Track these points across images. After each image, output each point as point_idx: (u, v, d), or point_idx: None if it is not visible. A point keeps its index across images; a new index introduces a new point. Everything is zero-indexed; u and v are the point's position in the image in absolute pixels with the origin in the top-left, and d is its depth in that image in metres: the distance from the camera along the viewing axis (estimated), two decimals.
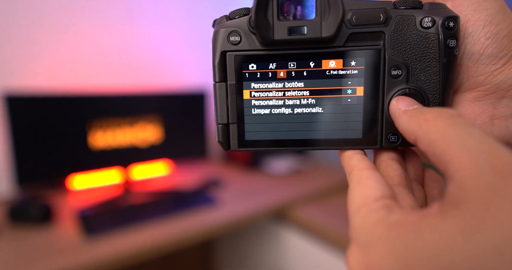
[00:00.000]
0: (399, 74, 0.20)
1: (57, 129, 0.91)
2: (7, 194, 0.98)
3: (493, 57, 0.19)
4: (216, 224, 0.84)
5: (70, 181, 0.97)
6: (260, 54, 0.21)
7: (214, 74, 0.22)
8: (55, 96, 0.90)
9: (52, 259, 0.68)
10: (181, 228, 0.81)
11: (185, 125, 1.13)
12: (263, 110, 0.22)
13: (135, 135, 1.03)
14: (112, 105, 0.99)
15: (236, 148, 0.23)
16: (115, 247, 0.72)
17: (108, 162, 1.00)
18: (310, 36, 0.20)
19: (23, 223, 0.81)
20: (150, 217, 0.85)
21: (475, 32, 0.19)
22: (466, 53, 0.20)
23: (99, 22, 1.11)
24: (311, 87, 0.21)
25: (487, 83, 0.20)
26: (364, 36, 0.20)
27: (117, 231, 0.78)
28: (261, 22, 0.20)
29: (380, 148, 0.21)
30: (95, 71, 1.12)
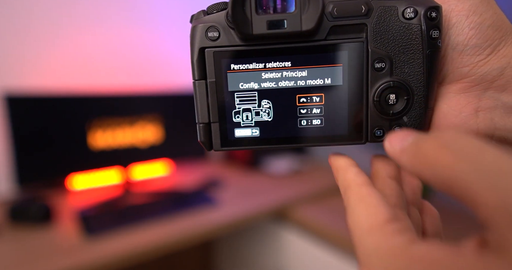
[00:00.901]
0: (383, 67, 0.20)
1: (57, 129, 0.91)
2: (7, 194, 0.98)
3: (478, 47, 0.19)
4: (216, 224, 0.84)
5: (70, 181, 0.97)
6: (240, 50, 0.20)
7: (193, 72, 0.21)
8: (55, 96, 0.90)
9: (52, 259, 0.68)
10: (181, 228, 0.81)
11: (185, 125, 1.13)
12: (245, 107, 0.21)
13: (135, 135, 1.03)
14: (112, 105, 0.99)
15: (219, 148, 0.22)
16: (115, 247, 0.72)
17: (108, 162, 1.00)
18: (290, 30, 0.19)
19: (23, 223, 0.81)
20: (150, 217, 0.85)
21: (459, 23, 0.19)
22: (450, 44, 0.19)
23: (99, 21, 1.11)
24: (294, 83, 0.21)
25: (472, 74, 0.19)
26: (346, 29, 0.20)
27: (117, 231, 0.78)
28: (238, 16, 0.19)
29: (365, 143, 0.21)
30: (96, 71, 1.12)
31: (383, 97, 0.20)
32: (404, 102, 0.20)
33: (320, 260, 0.88)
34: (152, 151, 1.07)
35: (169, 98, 1.09)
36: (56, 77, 1.05)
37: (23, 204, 0.84)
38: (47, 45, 1.03)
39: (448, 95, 0.20)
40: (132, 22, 1.17)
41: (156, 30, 1.23)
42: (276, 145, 0.22)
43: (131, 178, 1.05)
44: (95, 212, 0.87)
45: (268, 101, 0.21)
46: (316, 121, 0.21)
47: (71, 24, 1.06)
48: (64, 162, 0.94)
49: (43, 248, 0.72)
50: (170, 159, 1.11)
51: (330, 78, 0.20)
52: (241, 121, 0.22)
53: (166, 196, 0.98)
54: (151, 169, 1.12)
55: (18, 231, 0.79)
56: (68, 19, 1.05)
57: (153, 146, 1.06)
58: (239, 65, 0.21)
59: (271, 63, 0.21)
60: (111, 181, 1.06)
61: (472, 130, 0.19)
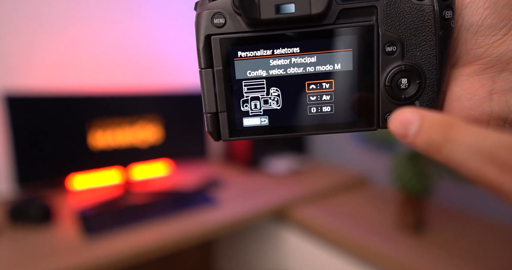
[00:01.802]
0: (394, 50, 0.19)
1: (57, 129, 0.91)
2: (7, 194, 0.98)
3: (493, 27, 0.18)
4: (216, 224, 0.84)
5: (70, 181, 0.97)
6: (247, 36, 0.20)
7: (199, 60, 0.20)
8: (55, 96, 0.90)
9: (52, 259, 0.68)
10: (181, 228, 0.81)
11: (185, 125, 1.13)
12: (253, 95, 0.21)
13: (135, 135, 1.03)
14: (112, 105, 0.99)
15: (227, 138, 0.21)
16: (115, 247, 0.72)
17: (108, 162, 1.00)
18: (299, 14, 0.18)
19: (23, 223, 0.81)
20: (150, 217, 0.85)
21: (473, 3, 0.18)
22: (464, 25, 0.19)
23: (99, 21, 1.11)
24: (303, 69, 0.20)
25: (486, 56, 0.19)
26: (355, 12, 0.19)
27: (117, 231, 0.78)
28: (246, 1, 0.18)
29: (376, 129, 0.21)
30: (96, 70, 1.12)
31: (394, 81, 0.20)
32: (416, 86, 0.19)
33: (320, 260, 0.88)
34: (152, 151, 1.07)
35: (169, 98, 1.09)
36: (56, 76, 1.05)
37: (23, 204, 0.84)
38: (46, 44, 1.03)
39: (461, 77, 0.20)
40: (132, 22, 1.17)
41: (157, 30, 1.23)
42: (285, 134, 0.21)
43: (131, 178, 1.05)
44: (95, 212, 0.87)
45: (277, 88, 0.21)
46: (326, 108, 0.21)
47: (70, 23, 1.06)
48: (64, 162, 0.94)
49: (43, 248, 0.72)
50: (170, 159, 1.11)
51: (340, 63, 0.20)
52: (250, 109, 0.21)
53: (166, 196, 0.98)
54: (151, 169, 1.12)
55: (18, 231, 0.79)
56: (67, 18, 1.05)
57: (153, 146, 1.06)
58: (246, 52, 0.20)
59: (279, 50, 0.20)
60: (111, 181, 1.06)
61: (485, 113, 0.19)
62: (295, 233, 0.96)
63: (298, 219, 0.94)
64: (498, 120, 0.19)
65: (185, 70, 1.30)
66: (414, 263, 0.68)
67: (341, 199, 1.04)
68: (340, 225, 0.86)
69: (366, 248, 0.76)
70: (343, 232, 0.83)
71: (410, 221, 0.82)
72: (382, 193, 1.08)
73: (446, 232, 0.81)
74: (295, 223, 0.95)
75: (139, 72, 1.20)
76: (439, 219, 0.88)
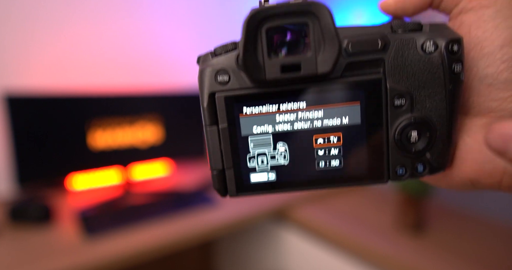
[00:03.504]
0: (403, 103, 0.19)
1: (57, 129, 0.91)
2: (7, 194, 0.98)
3: (509, 82, 0.17)
4: (216, 224, 0.84)
5: (70, 181, 0.97)
6: (252, 93, 0.19)
7: (204, 117, 0.20)
8: (55, 97, 0.90)
9: (52, 259, 0.68)
10: (181, 228, 0.81)
11: (185, 125, 1.13)
12: (259, 151, 0.20)
13: (135, 135, 1.03)
14: (112, 105, 0.99)
15: (234, 194, 0.21)
16: (115, 247, 0.72)
17: (108, 162, 1.00)
18: (305, 73, 0.18)
19: (23, 223, 0.81)
20: (150, 217, 0.85)
21: (490, 54, 0.17)
22: (479, 75, 0.18)
23: (99, 21, 1.11)
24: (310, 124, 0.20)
25: (499, 110, 0.18)
26: (362, 65, 0.19)
27: (117, 231, 0.78)
28: (250, 62, 0.18)
29: (387, 182, 0.20)
30: (96, 70, 1.12)
31: (404, 134, 0.19)
32: (427, 139, 0.19)
33: (320, 260, 0.88)
34: (152, 151, 1.07)
35: (169, 98, 1.09)
36: (56, 76, 1.05)
37: (23, 204, 0.84)
38: (46, 44, 1.03)
39: (474, 128, 0.19)
40: (133, 22, 1.17)
41: (157, 29, 1.23)
42: (294, 189, 0.21)
43: (131, 178, 1.05)
44: (95, 212, 0.87)
45: (284, 144, 0.20)
46: (334, 162, 0.20)
47: (70, 24, 1.06)
48: (64, 162, 0.94)
49: (43, 248, 0.72)
50: (170, 159, 1.11)
51: (347, 117, 0.19)
52: (256, 165, 0.21)
53: (166, 196, 0.98)
54: (151, 169, 1.12)
55: (18, 231, 0.79)
56: (68, 19, 1.05)
57: (153, 146, 1.06)
58: (252, 109, 0.20)
59: (285, 105, 0.20)
60: (111, 181, 1.06)
61: (499, 169, 0.18)
62: (295, 233, 0.96)
63: (298, 219, 0.94)
64: None
65: (185, 70, 1.30)
66: (414, 263, 0.68)
67: (341, 199, 1.03)
68: (340, 225, 0.86)
69: (366, 248, 0.76)
70: (343, 232, 0.83)
71: (410, 221, 0.82)
72: (382, 193, 1.08)
73: (446, 232, 0.81)
74: (295, 223, 0.95)
75: (139, 72, 1.20)
76: (439, 219, 0.88)
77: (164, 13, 1.23)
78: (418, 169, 0.20)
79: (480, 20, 0.18)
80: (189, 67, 1.30)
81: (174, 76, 1.27)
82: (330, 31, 0.17)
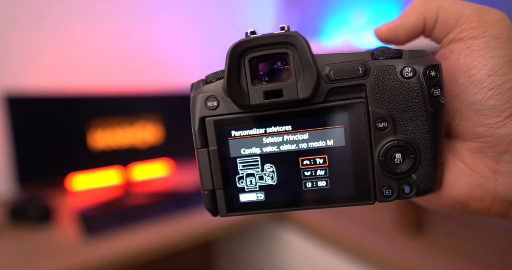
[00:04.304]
0: (385, 126, 0.19)
1: (57, 129, 0.91)
2: (8, 194, 0.98)
3: (495, 109, 0.18)
4: (216, 225, 0.84)
5: (70, 181, 0.97)
6: (239, 117, 0.20)
7: (195, 141, 0.21)
8: (55, 97, 0.90)
9: (52, 259, 0.68)
10: (181, 228, 0.81)
11: (185, 125, 1.13)
12: (248, 172, 0.21)
13: (135, 135, 1.03)
14: (112, 105, 0.99)
15: (224, 214, 0.22)
16: (115, 247, 0.72)
17: (108, 162, 1.00)
18: (287, 98, 0.19)
19: (23, 223, 0.81)
20: (150, 217, 0.85)
21: (478, 81, 0.18)
22: (468, 101, 0.19)
23: (99, 21, 1.11)
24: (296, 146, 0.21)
25: (487, 135, 0.18)
26: (344, 90, 0.20)
27: (117, 231, 0.78)
28: (235, 89, 0.19)
29: (374, 203, 0.21)
30: (96, 70, 1.12)
31: (388, 156, 0.20)
32: (411, 161, 0.19)
33: (320, 260, 0.88)
34: (152, 151, 1.07)
35: (169, 98, 1.09)
36: (56, 76, 1.05)
37: (23, 204, 0.84)
38: (46, 44, 1.03)
39: (464, 152, 0.20)
40: (133, 22, 1.17)
41: (157, 29, 1.23)
42: (282, 208, 0.22)
43: (131, 178, 1.05)
44: (95, 212, 0.87)
45: (271, 165, 0.21)
46: (321, 182, 0.21)
47: (70, 24, 1.06)
48: (64, 162, 0.94)
49: (43, 248, 0.72)
50: (170, 159, 1.11)
51: (332, 139, 0.20)
52: (245, 186, 0.21)
53: (166, 197, 0.98)
54: (151, 169, 1.13)
55: (18, 231, 0.79)
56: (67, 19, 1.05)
57: (153, 146, 1.07)
58: (240, 132, 0.21)
59: (271, 128, 0.21)
60: (111, 181, 1.06)
61: (489, 193, 0.19)
62: (295, 233, 0.96)
63: (298, 219, 0.94)
64: (503, 202, 0.19)
65: (185, 70, 1.30)
66: (414, 263, 0.68)
67: None
68: (340, 225, 0.86)
69: (366, 248, 0.76)
70: (343, 232, 0.83)
71: (410, 221, 0.82)
72: None
73: (446, 232, 0.81)
74: (295, 223, 0.95)
75: (139, 72, 1.20)
76: (439, 219, 0.88)
77: (164, 14, 1.23)
78: (405, 191, 0.20)
79: (468, 49, 0.19)
80: (189, 67, 1.30)
81: (174, 76, 1.27)
82: (308, 60, 0.18)
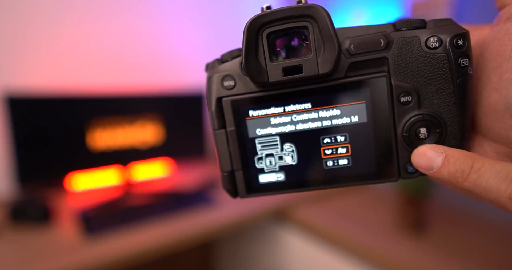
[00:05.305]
0: (409, 100, 0.19)
1: (57, 129, 0.91)
2: (8, 195, 0.98)
3: None
4: (216, 225, 0.84)
5: (70, 181, 0.97)
6: (257, 96, 0.20)
7: (212, 122, 0.21)
8: (56, 97, 0.90)
9: (52, 259, 0.68)
10: (181, 228, 0.81)
11: (185, 125, 1.13)
12: (267, 152, 0.21)
13: (135, 135, 1.03)
14: (112, 105, 0.99)
15: (244, 195, 0.21)
16: (115, 247, 0.72)
17: (108, 163, 1.00)
18: (307, 74, 0.18)
19: (23, 223, 0.81)
20: (150, 217, 0.85)
21: None
22: (507, 101, 0.16)
23: (98, 21, 1.11)
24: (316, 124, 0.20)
25: None
26: (366, 64, 0.19)
27: (117, 231, 0.78)
28: (253, 66, 0.18)
29: (398, 180, 0.20)
30: (96, 70, 1.12)
31: (412, 131, 0.19)
32: (437, 136, 0.19)
33: (321, 260, 0.88)
34: (152, 151, 1.07)
35: (169, 98, 1.09)
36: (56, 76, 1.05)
37: (23, 204, 0.84)
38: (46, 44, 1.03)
39: (491, 154, 0.18)
40: (133, 22, 1.17)
41: (157, 29, 1.23)
42: (303, 189, 0.21)
43: (131, 178, 1.05)
44: (95, 212, 0.87)
45: (291, 144, 0.21)
46: (342, 161, 0.20)
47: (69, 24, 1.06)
48: (64, 162, 0.94)
49: (43, 248, 0.72)
50: (170, 159, 1.11)
51: (353, 116, 0.20)
52: (265, 166, 0.21)
53: (166, 197, 0.98)
54: (151, 169, 1.12)
55: (18, 231, 0.79)
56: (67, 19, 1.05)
57: (153, 146, 1.06)
58: (258, 111, 0.20)
59: (290, 106, 0.20)
60: (111, 181, 1.06)
61: None
62: (295, 233, 0.96)
63: (298, 220, 0.94)
64: None
65: (185, 70, 1.30)
66: (414, 263, 0.68)
67: (342, 199, 1.03)
68: (340, 225, 0.86)
69: (366, 248, 0.76)
70: (343, 232, 0.83)
71: (410, 222, 0.82)
72: (382, 194, 1.08)
73: (446, 232, 0.81)
74: (296, 224, 0.95)
75: (139, 72, 1.20)
76: (439, 219, 0.88)
77: (163, 13, 1.23)
78: None
79: None
80: (189, 67, 1.30)
81: (174, 76, 1.27)
82: (329, 32, 0.17)
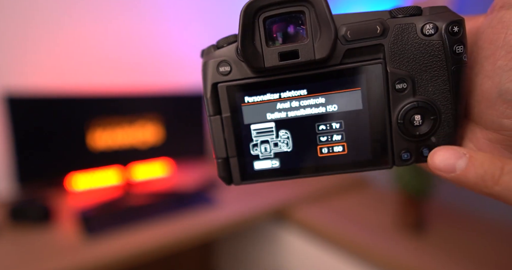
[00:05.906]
0: (404, 87, 0.19)
1: (57, 129, 0.91)
2: (8, 195, 0.98)
3: None
4: (216, 225, 0.84)
5: (71, 181, 0.97)
6: (253, 82, 0.20)
7: (207, 108, 0.20)
8: (56, 97, 0.90)
9: (52, 259, 0.68)
10: (181, 228, 0.81)
11: (185, 125, 1.13)
12: (262, 139, 0.21)
13: (135, 135, 1.03)
14: (112, 105, 0.99)
15: (239, 182, 0.21)
16: (115, 247, 0.72)
17: (108, 163, 1.00)
18: (303, 59, 0.18)
19: (23, 223, 0.81)
20: (150, 217, 0.85)
21: None
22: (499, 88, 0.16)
23: (98, 21, 1.11)
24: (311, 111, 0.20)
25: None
26: (361, 51, 0.19)
27: (117, 231, 0.78)
28: (249, 51, 0.18)
29: (392, 167, 0.20)
30: (96, 70, 1.12)
31: (407, 118, 0.19)
32: (431, 123, 0.19)
33: (320, 260, 0.88)
34: (152, 151, 1.07)
35: (169, 98, 1.09)
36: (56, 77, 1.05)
37: (23, 204, 0.84)
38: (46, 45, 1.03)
39: (482, 140, 0.18)
40: (133, 22, 1.17)
41: (157, 30, 1.23)
42: (298, 175, 0.21)
43: (131, 178, 1.05)
44: (95, 212, 0.87)
45: (286, 131, 0.21)
46: (338, 148, 0.20)
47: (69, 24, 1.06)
48: (64, 162, 0.94)
49: (43, 248, 0.72)
50: (170, 159, 1.11)
51: (348, 103, 0.20)
52: (260, 153, 0.21)
53: (166, 197, 0.98)
54: (151, 169, 1.12)
55: (18, 231, 0.79)
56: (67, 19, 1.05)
57: (153, 146, 1.06)
58: (253, 98, 0.20)
59: (286, 93, 0.20)
60: (111, 181, 1.06)
61: None
62: (295, 233, 0.96)
63: (298, 220, 0.94)
64: None
65: (185, 70, 1.30)
66: (414, 263, 0.68)
67: (342, 199, 1.03)
68: (340, 225, 0.86)
69: (367, 249, 0.76)
70: (343, 232, 0.83)
71: (410, 222, 0.82)
72: (382, 194, 1.08)
73: (447, 232, 0.81)
74: (295, 224, 0.95)
75: (139, 72, 1.20)
76: (439, 219, 0.88)
77: (163, 13, 1.23)
78: (424, 154, 0.19)
79: None
80: (189, 67, 1.30)
81: (174, 76, 1.27)
82: (325, 17, 0.18)
